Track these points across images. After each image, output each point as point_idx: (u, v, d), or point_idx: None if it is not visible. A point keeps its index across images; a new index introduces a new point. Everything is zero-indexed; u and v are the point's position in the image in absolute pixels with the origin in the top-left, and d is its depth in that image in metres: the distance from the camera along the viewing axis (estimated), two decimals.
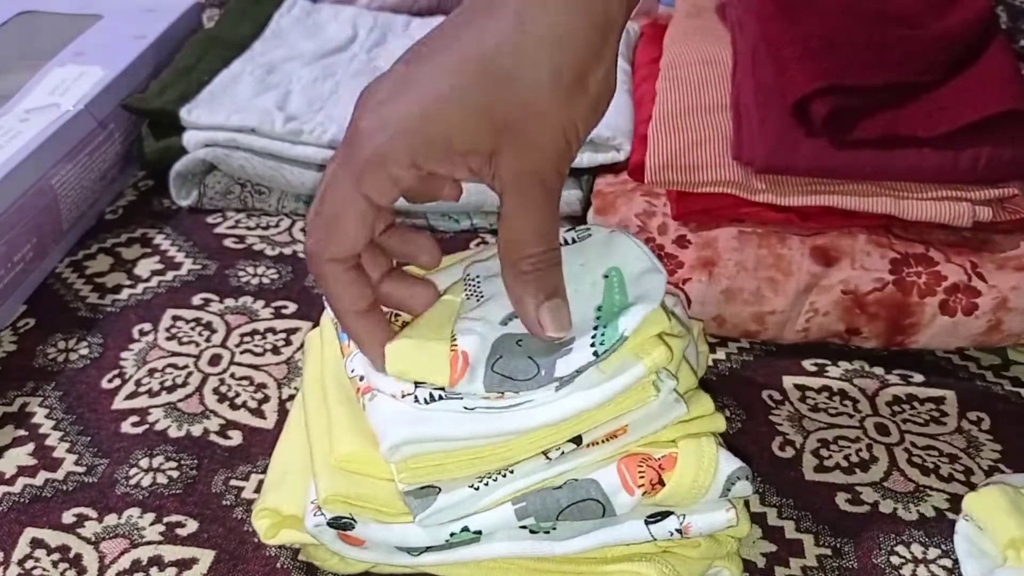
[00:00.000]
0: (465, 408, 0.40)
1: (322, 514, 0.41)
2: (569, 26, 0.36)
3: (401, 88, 0.37)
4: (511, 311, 0.41)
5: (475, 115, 0.36)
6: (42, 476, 0.50)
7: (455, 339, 0.40)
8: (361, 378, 0.43)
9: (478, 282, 0.44)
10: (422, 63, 0.37)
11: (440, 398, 0.40)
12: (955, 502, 0.50)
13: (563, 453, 0.41)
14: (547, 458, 0.40)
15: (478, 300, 0.43)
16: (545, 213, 0.38)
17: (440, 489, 0.40)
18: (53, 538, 0.47)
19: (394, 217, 0.42)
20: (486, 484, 0.40)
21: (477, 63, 0.36)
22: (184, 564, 0.46)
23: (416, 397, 0.40)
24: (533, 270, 0.39)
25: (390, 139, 0.36)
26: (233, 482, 0.50)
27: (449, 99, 0.36)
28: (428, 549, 0.42)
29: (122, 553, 0.46)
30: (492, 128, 0.36)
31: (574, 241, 0.45)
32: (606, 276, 0.42)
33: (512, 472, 0.40)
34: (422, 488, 0.40)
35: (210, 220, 0.69)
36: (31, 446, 0.52)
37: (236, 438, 0.52)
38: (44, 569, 0.45)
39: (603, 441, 0.41)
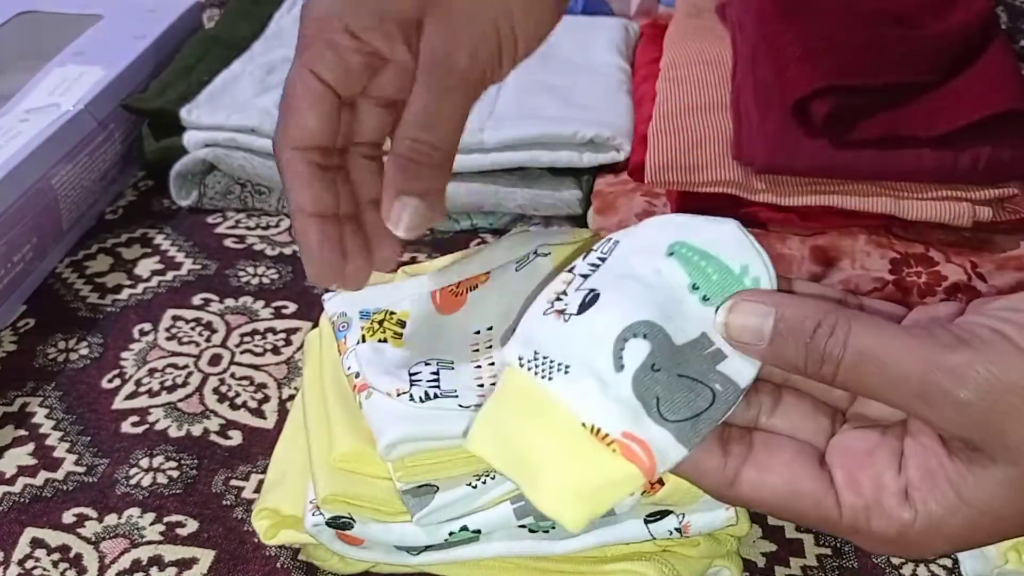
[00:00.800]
0: (461, 406, 0.40)
1: (321, 514, 0.41)
2: None
3: None
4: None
5: None
6: (42, 476, 0.50)
7: (604, 435, 0.29)
8: (357, 375, 0.43)
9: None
10: None
11: (435, 396, 0.40)
12: None
13: None
14: None
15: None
16: (444, 98, 0.36)
17: (438, 488, 0.40)
18: (53, 538, 0.47)
19: (381, 139, 0.39)
20: (484, 482, 0.40)
21: None
22: (184, 564, 0.46)
23: (411, 395, 0.40)
24: (408, 157, 0.36)
25: (325, 8, 0.36)
26: (233, 482, 0.50)
27: None
28: (427, 548, 0.42)
29: (122, 553, 0.46)
30: (419, 2, 0.35)
31: (603, 260, 0.34)
32: (671, 254, 0.32)
33: None
34: (420, 487, 0.40)
35: (210, 220, 0.69)
36: (31, 446, 0.52)
37: (236, 438, 0.52)
38: (44, 569, 0.45)
39: None
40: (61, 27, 0.76)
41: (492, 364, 0.43)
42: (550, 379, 0.30)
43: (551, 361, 0.30)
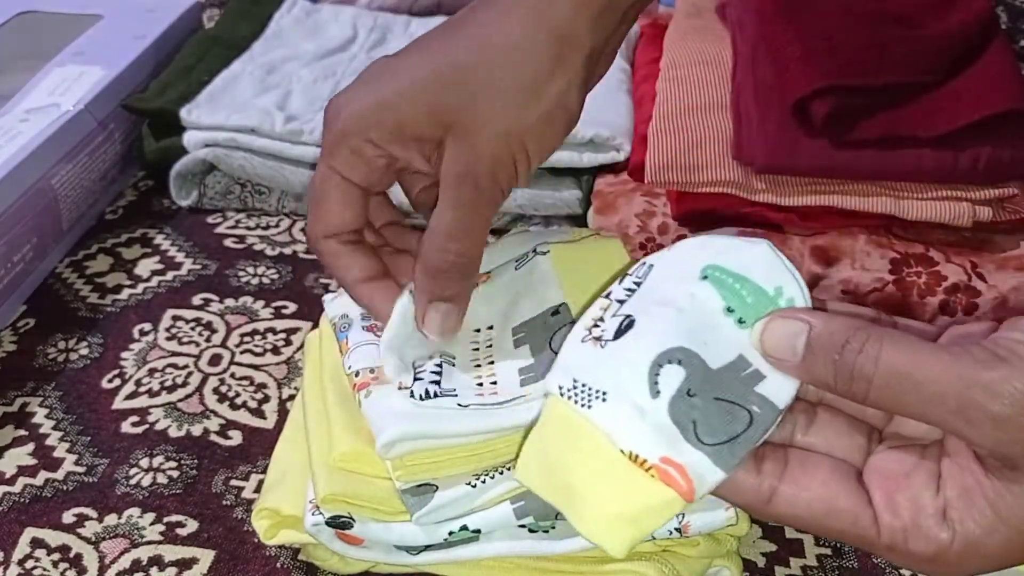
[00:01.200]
0: (459, 405, 0.40)
1: (320, 513, 0.41)
2: (525, 36, 0.38)
3: (370, 79, 0.40)
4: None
5: (424, 108, 0.39)
6: (42, 476, 0.50)
7: (643, 461, 0.30)
8: (357, 374, 0.43)
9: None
10: (396, 60, 0.40)
11: (435, 395, 0.40)
12: None
13: None
14: None
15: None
16: (469, 214, 0.39)
17: (437, 487, 0.40)
18: (53, 538, 0.47)
19: (398, 216, 0.45)
20: (483, 481, 0.40)
21: (439, 66, 0.39)
22: (184, 564, 0.46)
23: (412, 392, 0.40)
24: (439, 267, 0.40)
25: (348, 117, 0.40)
26: (233, 482, 0.50)
27: (403, 93, 0.39)
28: (427, 548, 0.42)
29: (122, 553, 0.46)
30: (439, 122, 0.39)
31: (638, 285, 0.34)
32: (704, 277, 0.33)
33: (509, 469, 0.40)
34: (419, 486, 0.40)
35: (210, 220, 0.69)
36: (31, 446, 0.52)
37: (236, 438, 0.52)
38: (44, 569, 0.45)
39: None
40: (61, 27, 0.76)
41: (492, 363, 0.43)
42: (589, 407, 0.31)
43: (589, 388, 0.31)
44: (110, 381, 0.56)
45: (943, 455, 0.31)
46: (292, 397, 0.55)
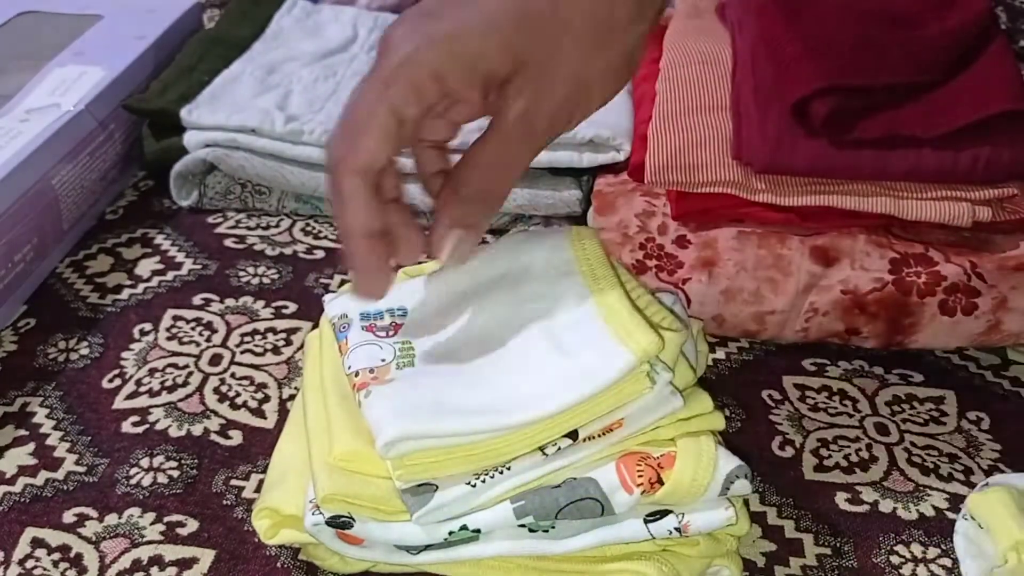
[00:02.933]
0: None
1: (320, 513, 0.41)
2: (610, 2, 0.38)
3: (434, 12, 0.38)
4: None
5: (501, 45, 0.37)
6: (43, 476, 0.50)
7: None
8: (357, 374, 0.43)
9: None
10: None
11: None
12: (955, 502, 0.50)
13: (559, 449, 0.41)
14: (544, 454, 0.40)
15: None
16: (517, 150, 0.39)
17: (437, 487, 0.40)
18: (54, 538, 0.47)
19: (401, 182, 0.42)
20: (483, 481, 0.40)
21: (519, 8, 0.37)
22: (184, 564, 0.46)
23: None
24: (468, 198, 0.40)
25: (419, 48, 0.37)
26: (233, 482, 0.50)
27: (480, 27, 0.37)
28: (427, 548, 0.42)
29: (123, 553, 0.46)
30: (513, 59, 0.37)
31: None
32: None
33: (509, 469, 0.40)
34: (419, 486, 0.40)
35: (210, 220, 0.69)
36: (32, 446, 0.52)
37: (236, 438, 0.52)
38: (45, 569, 0.45)
39: (599, 436, 0.41)
40: (61, 27, 0.76)
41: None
42: None
43: None
44: (110, 381, 0.56)
45: None
46: (292, 397, 0.55)
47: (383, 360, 0.43)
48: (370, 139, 0.38)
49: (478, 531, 0.41)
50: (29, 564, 0.45)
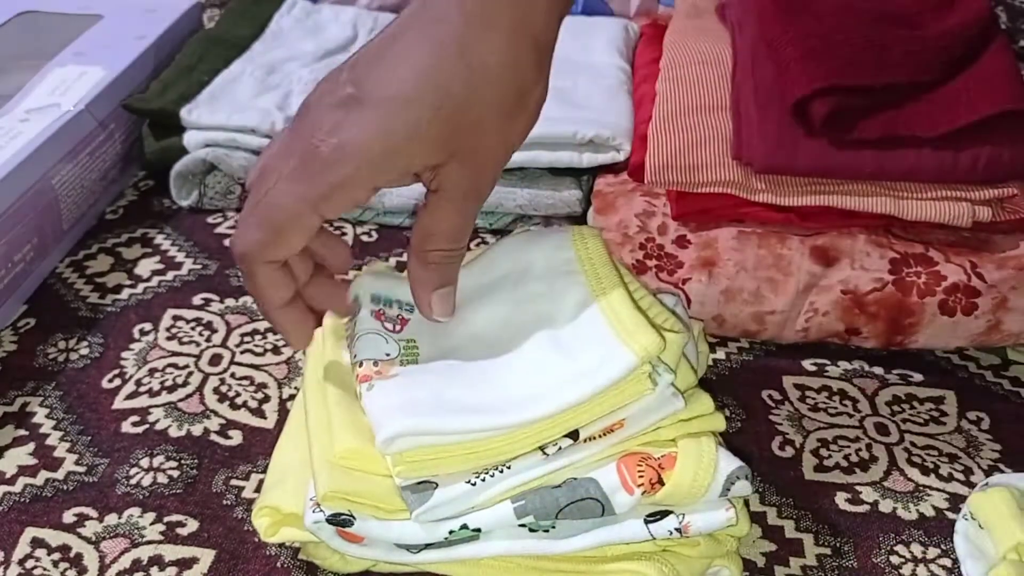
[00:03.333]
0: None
1: (321, 511, 0.41)
2: (511, 55, 0.39)
3: (357, 110, 0.39)
4: None
5: (433, 145, 0.39)
6: (43, 476, 0.50)
7: None
8: (360, 364, 0.43)
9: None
10: (378, 80, 0.39)
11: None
12: (955, 502, 0.50)
13: (560, 448, 0.41)
14: (544, 454, 0.40)
15: None
16: (468, 217, 0.42)
17: (437, 484, 0.40)
18: (54, 538, 0.47)
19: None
20: (483, 480, 0.40)
21: (439, 99, 0.38)
22: (184, 563, 0.46)
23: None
24: (440, 262, 0.42)
25: (356, 170, 0.39)
26: (233, 482, 0.50)
27: (408, 134, 0.38)
28: (427, 547, 0.42)
29: (122, 553, 0.46)
30: (446, 151, 0.39)
31: None
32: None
33: (509, 468, 0.40)
34: (419, 483, 0.40)
35: (210, 220, 0.69)
36: (31, 446, 0.52)
37: (236, 438, 0.52)
38: (45, 569, 0.45)
39: (600, 436, 0.41)
40: (61, 27, 0.76)
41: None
42: None
43: None
44: (110, 381, 0.56)
45: None
46: (292, 397, 0.55)
47: (387, 355, 0.43)
48: (290, 239, 0.40)
49: (478, 530, 0.41)
50: (29, 564, 0.45)
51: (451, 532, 0.41)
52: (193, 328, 0.59)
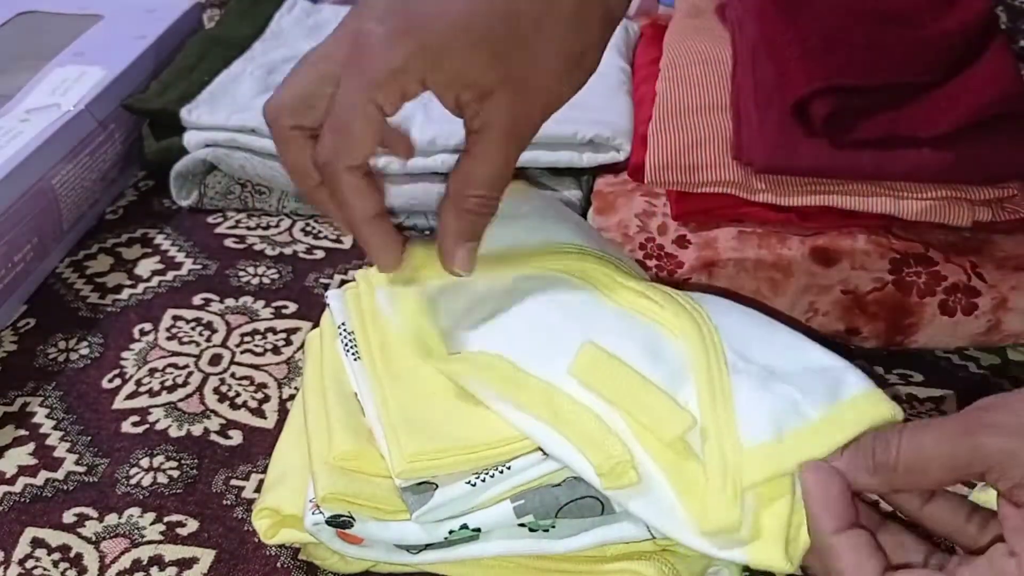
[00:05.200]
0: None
1: (320, 512, 0.41)
2: (585, 14, 0.40)
3: (416, 12, 0.38)
4: None
5: (488, 55, 0.38)
6: (43, 476, 0.50)
7: None
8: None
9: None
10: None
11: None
12: None
13: None
14: (544, 453, 0.40)
15: None
16: (509, 162, 0.41)
17: (437, 485, 0.40)
18: (54, 538, 0.47)
19: None
20: (483, 480, 0.40)
21: (504, 18, 0.38)
22: (184, 563, 0.46)
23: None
24: (475, 211, 0.42)
25: (409, 57, 0.38)
26: (233, 482, 0.50)
27: (462, 38, 0.38)
28: (427, 547, 0.42)
29: (123, 552, 0.46)
30: (499, 75, 0.39)
31: None
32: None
33: (509, 468, 0.40)
34: (419, 484, 0.40)
35: (210, 220, 0.69)
36: (32, 446, 0.52)
37: (236, 438, 0.52)
38: (45, 569, 0.45)
39: None
40: (61, 27, 0.76)
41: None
42: None
43: None
44: (110, 381, 0.56)
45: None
46: (292, 397, 0.55)
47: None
48: (360, 137, 0.39)
49: (478, 530, 0.41)
50: (29, 564, 0.45)
51: (451, 532, 0.41)
52: (193, 328, 0.59)
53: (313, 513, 0.41)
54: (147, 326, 0.60)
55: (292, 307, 0.61)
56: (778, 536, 0.37)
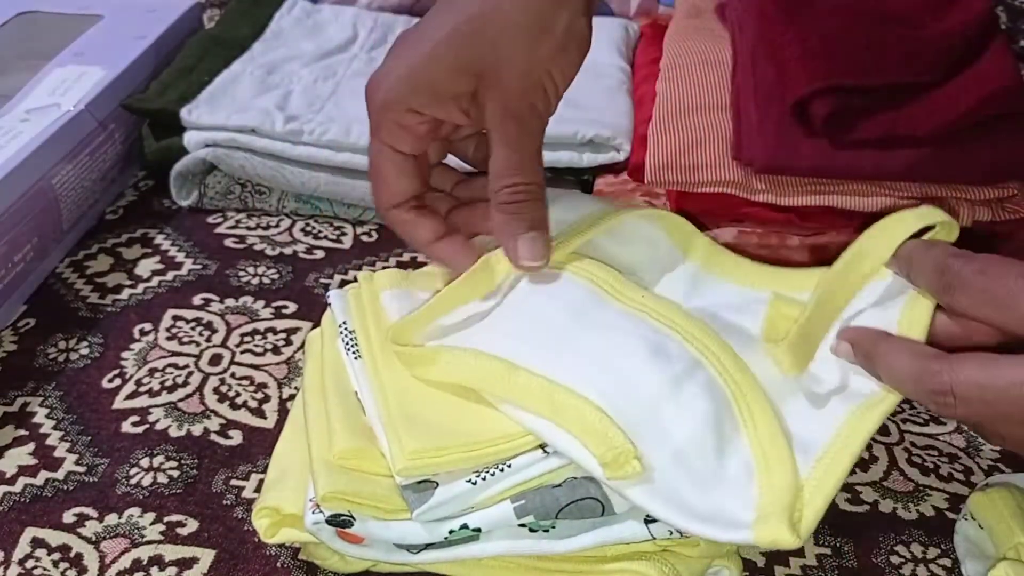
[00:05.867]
0: None
1: (321, 512, 0.41)
2: None
3: (399, 52, 0.44)
4: None
5: (454, 65, 0.42)
6: (43, 476, 0.50)
7: None
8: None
9: None
10: (418, 29, 0.43)
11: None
12: (955, 502, 0.50)
13: None
14: (544, 452, 0.40)
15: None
16: (521, 146, 0.43)
17: (437, 484, 0.40)
18: (54, 538, 0.47)
19: (461, 177, 0.49)
20: (483, 479, 0.40)
21: (456, 23, 0.42)
22: (184, 563, 0.46)
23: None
24: (510, 201, 0.43)
25: (386, 91, 0.43)
26: (233, 481, 0.50)
27: (432, 56, 0.42)
28: (427, 547, 0.42)
29: (123, 552, 0.46)
30: (470, 74, 0.42)
31: None
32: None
33: (510, 466, 0.40)
34: (420, 482, 0.40)
35: (210, 220, 0.69)
36: (32, 446, 0.52)
37: (236, 438, 0.52)
38: (45, 569, 0.45)
39: None
40: (61, 27, 0.76)
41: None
42: None
43: None
44: (110, 381, 0.56)
45: None
46: (292, 397, 0.55)
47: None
48: (387, 179, 0.45)
49: (478, 530, 0.41)
50: (29, 564, 0.45)
51: (451, 532, 0.41)
52: (193, 328, 0.59)
53: (313, 512, 0.41)
54: (147, 326, 0.60)
55: (292, 307, 0.61)
56: (782, 513, 0.37)
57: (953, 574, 0.46)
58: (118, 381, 0.56)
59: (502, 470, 0.40)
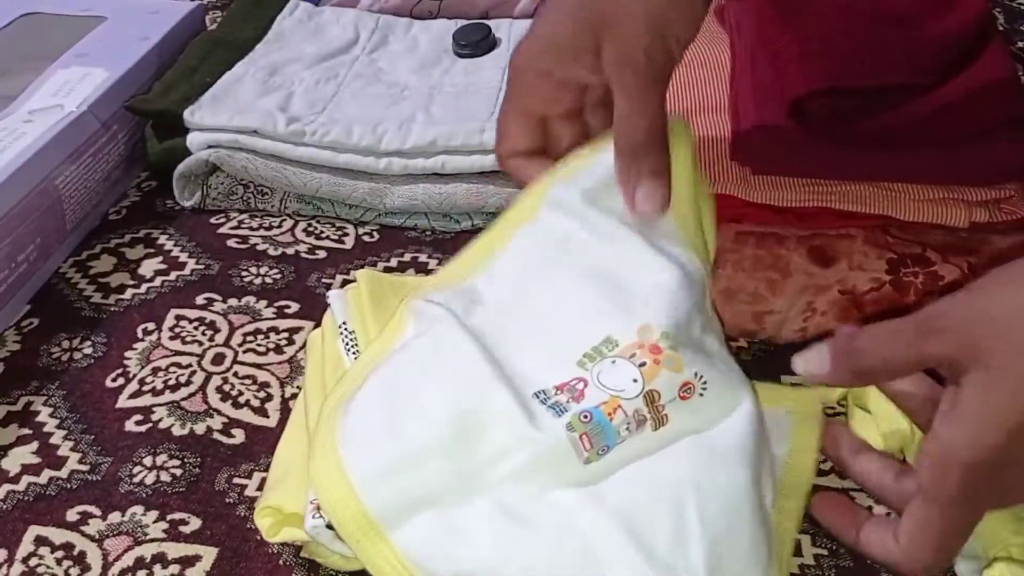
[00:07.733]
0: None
1: (320, 516, 0.41)
2: None
3: (535, 26, 0.48)
4: None
5: (577, 27, 0.45)
6: (46, 474, 0.50)
7: None
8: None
9: None
10: (551, 2, 0.47)
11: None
12: None
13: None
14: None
15: None
16: (638, 92, 0.44)
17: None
18: (57, 536, 0.47)
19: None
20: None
21: None
22: (187, 561, 0.46)
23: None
24: (627, 147, 0.44)
25: (520, 56, 0.47)
26: (236, 480, 0.50)
27: (557, 22, 0.46)
28: None
29: (126, 550, 0.46)
30: (591, 31, 0.44)
31: None
32: None
33: None
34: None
35: (213, 220, 0.70)
36: (35, 444, 0.52)
37: (239, 436, 0.53)
38: (48, 567, 0.46)
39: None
40: (65, 29, 0.77)
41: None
42: None
43: None
44: (114, 380, 0.56)
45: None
46: (294, 396, 0.55)
47: None
48: (507, 133, 0.49)
49: None
50: (32, 562, 0.46)
51: None
52: (196, 328, 0.60)
53: (313, 517, 0.42)
54: (150, 325, 0.60)
55: (294, 307, 0.62)
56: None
57: (947, 574, 0.46)
58: (121, 380, 0.56)
59: None
